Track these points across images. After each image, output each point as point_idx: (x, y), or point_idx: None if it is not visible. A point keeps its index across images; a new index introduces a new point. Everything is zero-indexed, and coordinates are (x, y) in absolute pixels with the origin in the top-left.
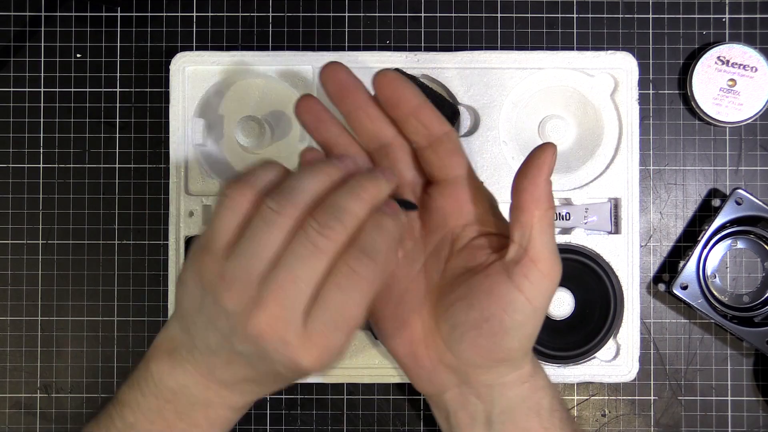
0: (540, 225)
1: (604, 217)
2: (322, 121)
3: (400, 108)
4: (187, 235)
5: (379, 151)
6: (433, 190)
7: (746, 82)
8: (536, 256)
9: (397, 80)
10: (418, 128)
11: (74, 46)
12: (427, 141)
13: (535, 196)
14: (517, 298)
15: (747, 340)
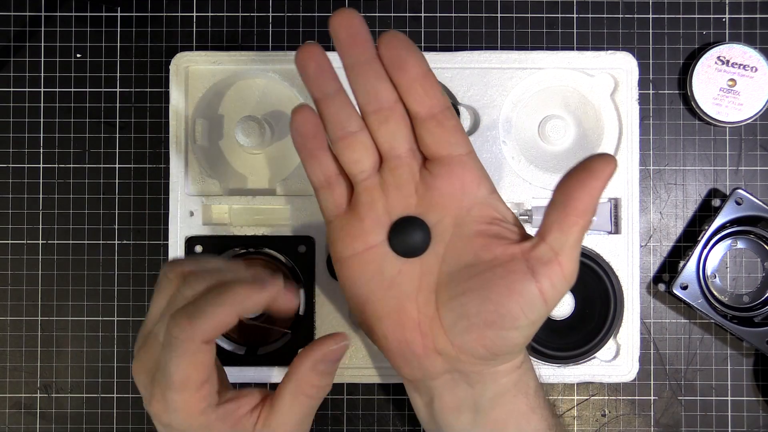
0: (579, 235)
1: (604, 217)
2: (323, 72)
3: (406, 72)
4: (187, 235)
5: (376, 114)
6: (434, 167)
7: (746, 82)
8: (565, 263)
9: (407, 42)
10: (422, 97)
11: (74, 46)
12: (430, 112)
13: (584, 206)
14: (537, 299)
15: (747, 340)
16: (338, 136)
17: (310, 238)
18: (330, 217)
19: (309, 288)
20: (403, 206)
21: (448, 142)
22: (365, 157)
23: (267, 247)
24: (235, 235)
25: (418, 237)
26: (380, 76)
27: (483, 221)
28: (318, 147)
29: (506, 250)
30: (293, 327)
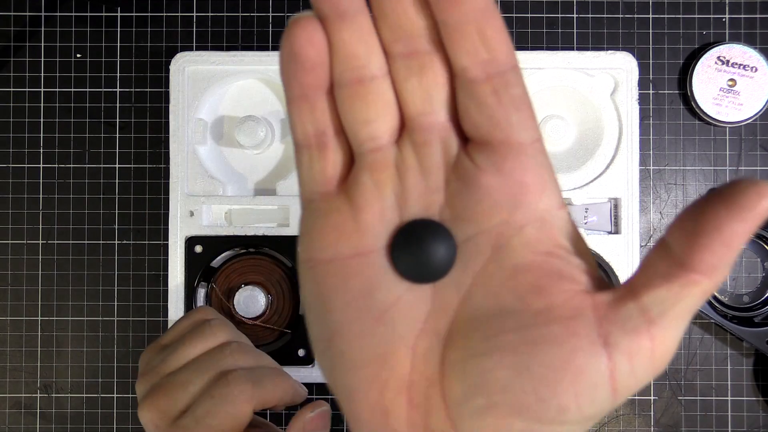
0: (696, 300)
1: (604, 217)
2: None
3: (459, 5)
4: (187, 235)
5: (408, 59)
6: (480, 155)
7: (746, 82)
8: (660, 338)
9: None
10: (476, 47)
11: (74, 46)
12: (486, 73)
13: (719, 259)
14: (604, 385)
15: (747, 340)
16: (348, 78)
17: None
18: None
19: None
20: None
21: (507, 120)
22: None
23: (267, 247)
24: (235, 235)
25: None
26: (418, 4)
27: (540, 249)
28: (315, 84)
29: (570, 299)
30: (292, 327)
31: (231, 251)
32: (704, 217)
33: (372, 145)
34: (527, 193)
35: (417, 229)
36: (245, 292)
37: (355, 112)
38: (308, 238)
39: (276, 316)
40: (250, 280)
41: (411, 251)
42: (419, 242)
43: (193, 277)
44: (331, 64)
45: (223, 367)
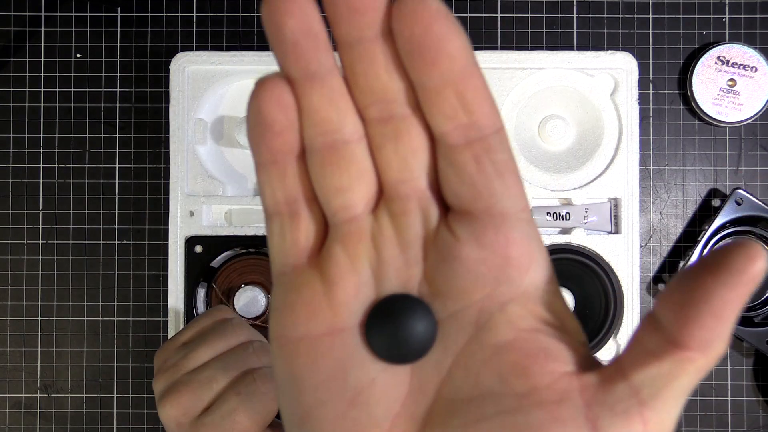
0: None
1: (604, 217)
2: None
3: (435, 66)
4: (187, 235)
5: (383, 124)
6: (460, 226)
7: (746, 82)
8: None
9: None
10: (456, 111)
11: (74, 46)
12: (466, 138)
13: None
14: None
15: (747, 340)
16: (319, 144)
17: None
18: (281, 266)
19: None
20: (402, 277)
21: (489, 189)
22: (356, 184)
23: (267, 247)
24: (235, 235)
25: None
26: (392, 66)
27: (524, 326)
28: (284, 149)
29: (556, 381)
30: None
31: (231, 251)
32: (692, 287)
33: (346, 214)
34: (511, 267)
35: (394, 305)
36: (245, 292)
37: (328, 180)
38: (279, 314)
39: None
40: (250, 280)
41: (387, 330)
42: (396, 320)
43: (193, 277)
44: (301, 128)
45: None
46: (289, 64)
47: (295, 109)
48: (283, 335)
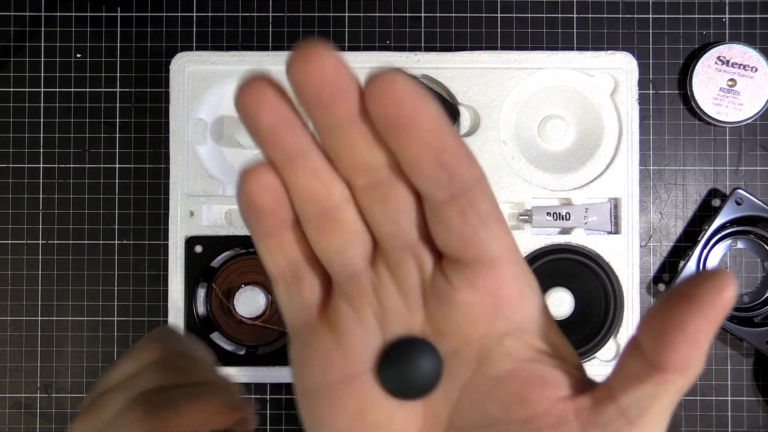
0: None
1: (604, 217)
2: (284, 125)
3: (412, 139)
4: (187, 235)
5: (369, 191)
6: (453, 272)
7: (746, 82)
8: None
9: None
10: (436, 174)
11: (74, 46)
12: (450, 194)
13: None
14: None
15: (747, 340)
16: (311, 214)
17: None
18: (293, 325)
19: None
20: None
21: (476, 238)
22: (352, 244)
23: None
24: (235, 235)
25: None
26: (371, 141)
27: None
28: (277, 225)
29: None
30: None
31: (231, 251)
32: (668, 315)
33: (347, 272)
34: (504, 305)
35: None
36: (245, 292)
37: (325, 245)
38: (297, 368)
39: (276, 316)
40: (250, 280)
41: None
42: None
43: (193, 277)
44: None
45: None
46: (269, 150)
47: (281, 190)
48: (303, 387)
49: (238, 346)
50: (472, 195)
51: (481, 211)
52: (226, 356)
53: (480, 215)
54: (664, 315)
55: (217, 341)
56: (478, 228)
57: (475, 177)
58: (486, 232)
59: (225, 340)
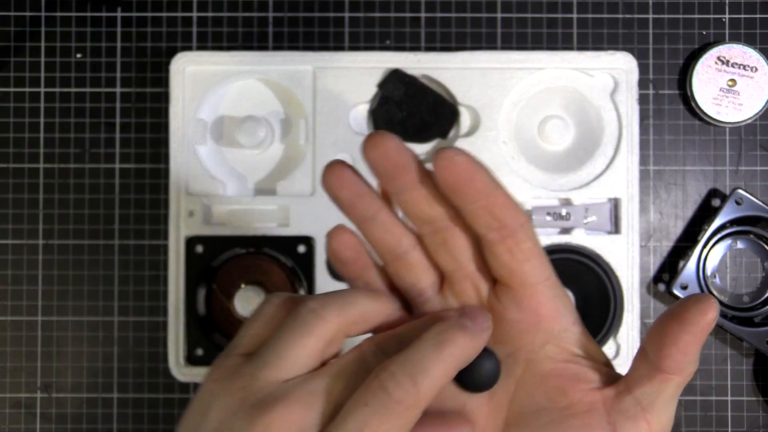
0: (674, 390)
1: (604, 217)
2: (359, 197)
3: (469, 196)
4: (187, 235)
5: (432, 237)
6: (504, 295)
7: (746, 82)
8: (655, 421)
9: (467, 165)
10: (489, 222)
11: (74, 46)
12: (500, 236)
13: (676, 364)
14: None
15: (747, 340)
16: (388, 258)
17: (310, 238)
18: None
19: (309, 288)
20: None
21: (521, 270)
22: (422, 278)
23: (267, 247)
24: (235, 235)
25: (486, 369)
26: (431, 201)
27: (559, 359)
28: (362, 268)
29: (585, 396)
30: None
31: (231, 251)
32: (665, 330)
33: (421, 299)
34: (543, 321)
35: None
36: (245, 292)
37: (401, 280)
38: None
39: None
40: (250, 280)
41: (468, 370)
42: (473, 363)
43: (193, 277)
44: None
45: (368, 360)
46: (349, 215)
47: (359, 245)
48: None
49: None
50: (517, 237)
51: (524, 249)
52: None
53: (523, 252)
54: (662, 330)
55: (217, 341)
56: (522, 262)
57: (520, 222)
58: (529, 265)
59: (225, 340)
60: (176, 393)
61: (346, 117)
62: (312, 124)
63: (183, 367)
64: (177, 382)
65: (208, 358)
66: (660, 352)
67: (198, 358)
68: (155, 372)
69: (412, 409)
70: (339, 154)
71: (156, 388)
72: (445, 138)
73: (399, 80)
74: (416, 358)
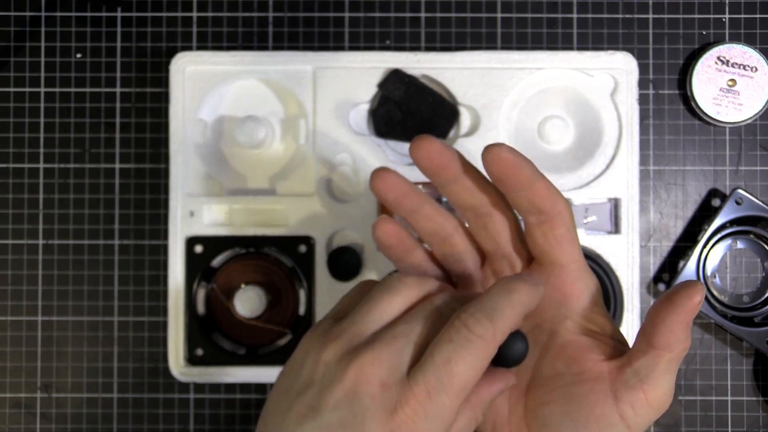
0: (669, 365)
1: (604, 217)
2: (404, 196)
3: (513, 187)
4: (187, 235)
5: (475, 221)
6: (536, 270)
7: (746, 82)
8: (651, 392)
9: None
10: (528, 207)
11: (74, 46)
12: (538, 220)
13: (667, 341)
14: (618, 424)
15: (747, 340)
16: (434, 242)
17: (310, 238)
18: None
19: (309, 288)
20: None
21: (552, 251)
22: (465, 257)
23: (267, 247)
24: (235, 235)
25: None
26: (473, 191)
27: (576, 332)
28: (406, 251)
29: (594, 366)
30: (293, 327)
31: (231, 251)
32: (658, 311)
33: (464, 274)
34: (568, 298)
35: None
36: (245, 292)
37: (447, 258)
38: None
39: (276, 316)
40: (250, 280)
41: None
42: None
43: (193, 277)
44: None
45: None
46: (396, 211)
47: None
48: None
49: (238, 346)
50: (552, 223)
51: (558, 234)
52: (226, 356)
53: (556, 237)
54: (656, 311)
55: (217, 341)
56: (554, 245)
57: (557, 210)
58: (560, 248)
59: (225, 340)
60: (176, 393)
61: (346, 117)
62: (312, 124)
63: (183, 367)
64: (177, 382)
65: (208, 358)
66: (653, 330)
67: (198, 358)
68: (155, 372)
69: (489, 343)
70: (339, 154)
71: (156, 388)
72: (445, 138)
73: (399, 80)
74: (490, 301)
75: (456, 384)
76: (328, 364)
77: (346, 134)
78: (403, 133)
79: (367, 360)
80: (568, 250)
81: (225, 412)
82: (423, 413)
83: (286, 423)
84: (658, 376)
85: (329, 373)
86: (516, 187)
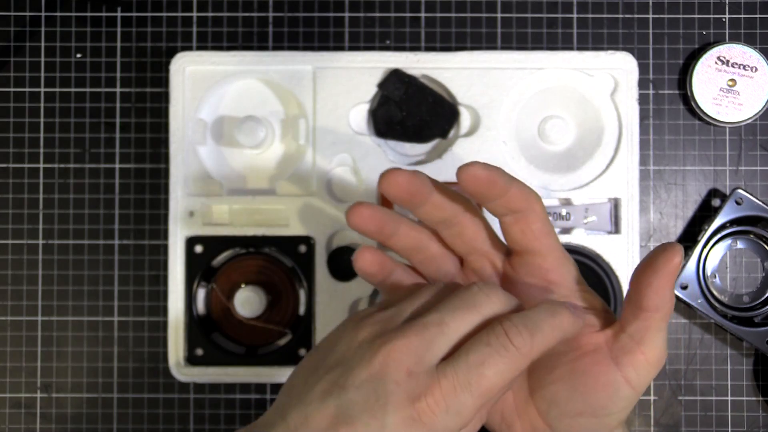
0: (658, 324)
1: (604, 217)
2: (382, 224)
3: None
4: (187, 235)
5: (449, 231)
6: (519, 264)
7: (746, 82)
8: (648, 351)
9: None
10: (505, 210)
11: (74, 46)
12: (514, 219)
13: (653, 303)
14: (623, 387)
15: (747, 340)
16: (412, 255)
17: (310, 238)
18: None
19: (309, 288)
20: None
21: (530, 245)
22: (443, 263)
23: (267, 247)
24: (235, 235)
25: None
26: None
27: None
28: (387, 274)
29: (590, 338)
30: (293, 327)
31: (231, 251)
32: (641, 276)
33: (446, 278)
34: (552, 284)
35: None
36: (245, 292)
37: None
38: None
39: (276, 316)
40: (250, 280)
41: None
42: None
43: (193, 277)
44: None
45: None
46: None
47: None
48: None
49: (238, 346)
50: (528, 220)
51: (535, 230)
52: (226, 356)
53: (534, 233)
54: (639, 277)
55: (217, 341)
56: (532, 240)
57: (531, 208)
58: (536, 241)
59: (225, 340)
60: (176, 393)
61: (346, 117)
62: (312, 124)
63: (183, 367)
64: (177, 382)
65: (208, 358)
66: (639, 295)
67: (198, 358)
68: (155, 372)
69: (525, 356)
70: (339, 154)
71: (156, 388)
72: (445, 138)
73: (399, 80)
74: (534, 318)
75: (483, 387)
76: (362, 344)
77: (346, 134)
78: (403, 133)
79: (397, 346)
80: (546, 242)
81: (225, 412)
82: (445, 407)
83: (310, 397)
84: (652, 335)
85: (360, 353)
86: (493, 198)
